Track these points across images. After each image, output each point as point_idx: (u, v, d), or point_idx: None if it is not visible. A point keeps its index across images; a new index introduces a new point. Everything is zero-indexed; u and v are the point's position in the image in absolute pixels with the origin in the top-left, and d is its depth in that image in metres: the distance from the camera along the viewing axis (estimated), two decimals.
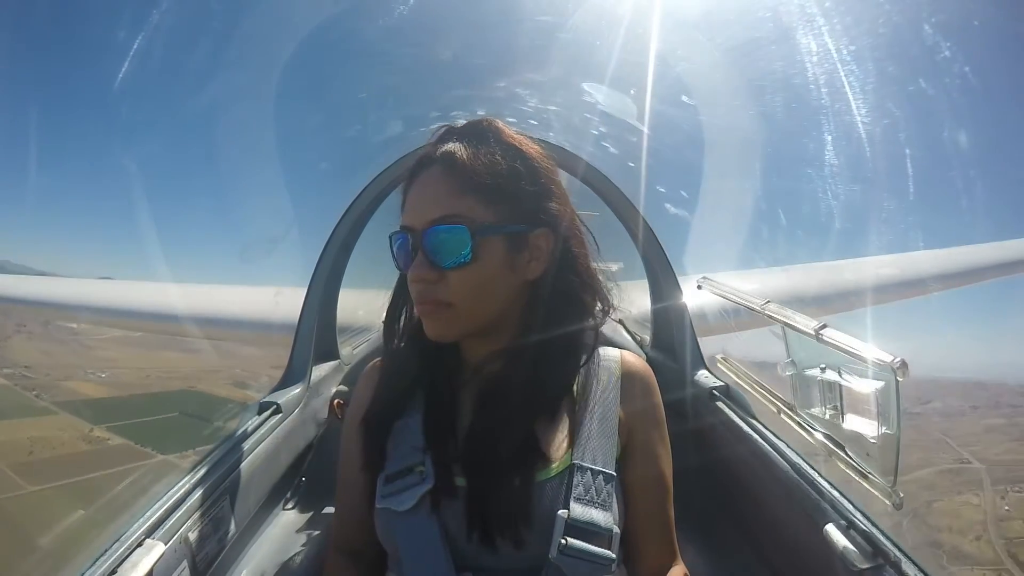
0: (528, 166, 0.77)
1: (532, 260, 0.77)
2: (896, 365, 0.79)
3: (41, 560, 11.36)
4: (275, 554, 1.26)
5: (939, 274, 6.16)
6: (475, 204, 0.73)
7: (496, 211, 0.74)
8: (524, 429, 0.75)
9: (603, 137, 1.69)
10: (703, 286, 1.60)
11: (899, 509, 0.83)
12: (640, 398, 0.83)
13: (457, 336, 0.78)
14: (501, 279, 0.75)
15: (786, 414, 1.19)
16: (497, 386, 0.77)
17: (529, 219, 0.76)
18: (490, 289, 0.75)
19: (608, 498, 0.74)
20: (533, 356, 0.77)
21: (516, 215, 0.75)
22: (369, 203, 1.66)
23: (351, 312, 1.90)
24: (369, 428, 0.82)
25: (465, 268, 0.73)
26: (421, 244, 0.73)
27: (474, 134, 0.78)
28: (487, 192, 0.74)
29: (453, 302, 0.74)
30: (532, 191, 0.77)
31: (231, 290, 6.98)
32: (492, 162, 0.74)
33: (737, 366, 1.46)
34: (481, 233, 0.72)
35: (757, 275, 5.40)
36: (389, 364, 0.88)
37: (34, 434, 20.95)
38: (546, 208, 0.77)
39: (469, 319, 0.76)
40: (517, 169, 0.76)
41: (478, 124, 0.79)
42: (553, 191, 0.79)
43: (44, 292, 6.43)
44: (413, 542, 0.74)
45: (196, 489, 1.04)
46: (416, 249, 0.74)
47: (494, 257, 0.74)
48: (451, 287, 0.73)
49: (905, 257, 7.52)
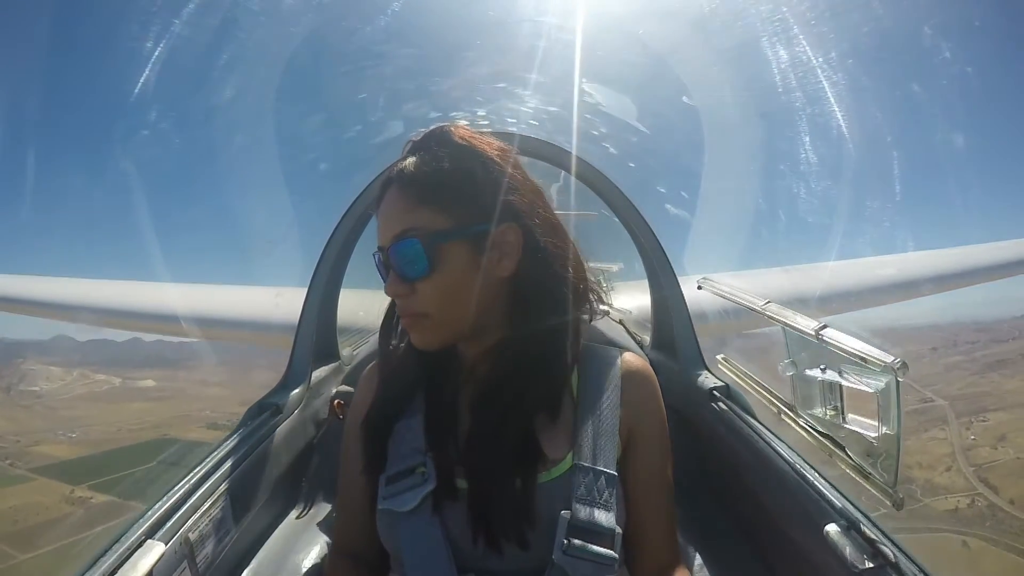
0: (482, 163, 0.76)
1: (503, 257, 0.76)
2: (896, 365, 0.79)
3: None
4: (275, 555, 1.26)
5: (939, 275, 6.16)
6: (429, 214, 0.74)
7: (453, 216, 0.74)
8: (520, 428, 0.75)
9: (603, 137, 1.69)
10: (703, 286, 1.60)
11: (899, 509, 0.83)
12: (641, 399, 0.82)
13: (442, 344, 0.78)
14: (470, 282, 0.75)
15: (786, 414, 1.18)
16: (489, 386, 0.78)
17: (490, 216, 0.75)
18: (460, 294, 0.75)
19: (610, 498, 0.74)
20: (518, 352, 0.77)
21: (475, 215, 0.75)
22: (369, 204, 1.66)
23: (351, 313, 1.90)
24: (370, 429, 0.82)
25: (429, 279, 0.74)
26: (391, 260, 0.75)
27: (422, 144, 0.79)
28: (438, 199, 0.74)
29: (427, 312, 0.75)
30: (488, 188, 0.76)
31: (231, 290, 6.99)
32: (438, 169, 0.75)
33: (737, 366, 1.45)
34: (434, 241, 0.73)
35: (757, 275, 5.40)
36: (387, 366, 0.88)
37: (15, 503, 20.58)
38: (508, 202, 0.76)
39: (448, 326, 0.77)
40: (468, 169, 0.75)
41: (429, 133, 0.80)
42: (514, 185, 0.78)
43: (44, 292, 6.43)
44: (415, 543, 0.74)
45: (196, 490, 1.04)
46: (388, 266, 0.76)
47: (456, 262, 0.74)
48: (422, 298, 0.75)
49: (904, 258, 7.53)
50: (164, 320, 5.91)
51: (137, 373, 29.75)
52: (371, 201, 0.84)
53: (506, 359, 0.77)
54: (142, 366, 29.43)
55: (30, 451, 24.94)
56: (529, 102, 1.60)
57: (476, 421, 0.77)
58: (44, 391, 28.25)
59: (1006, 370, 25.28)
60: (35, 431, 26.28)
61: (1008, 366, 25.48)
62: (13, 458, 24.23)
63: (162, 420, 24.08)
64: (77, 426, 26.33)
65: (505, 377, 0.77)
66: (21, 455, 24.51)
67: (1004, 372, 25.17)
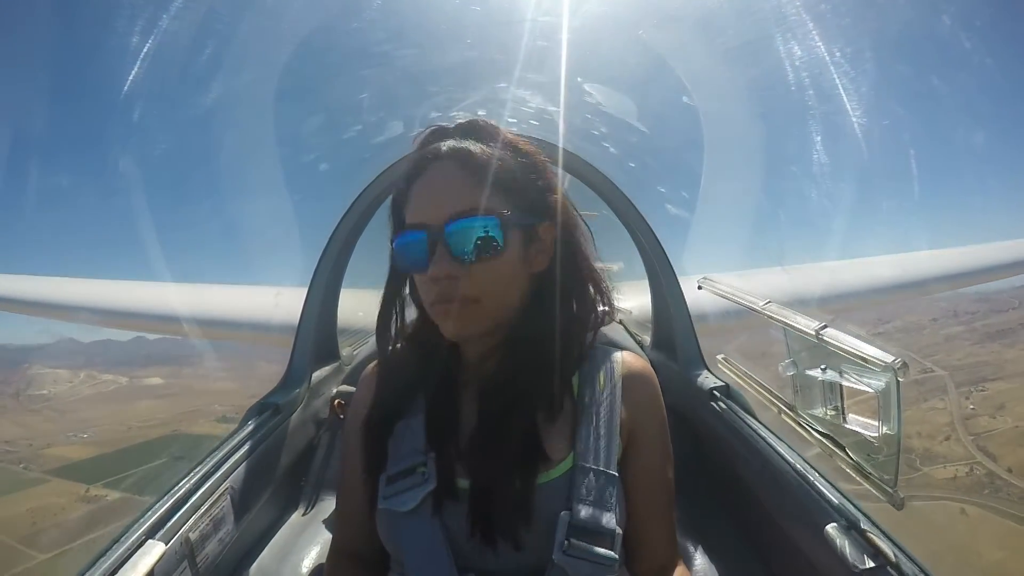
0: (529, 160, 0.78)
1: (539, 253, 0.78)
2: (897, 365, 0.79)
3: None
4: (275, 554, 1.26)
5: (940, 275, 6.16)
6: (496, 197, 0.73)
7: (512, 204, 0.74)
8: (524, 428, 0.75)
9: (603, 137, 1.69)
10: (703, 286, 1.60)
11: (900, 509, 0.83)
12: (642, 399, 0.82)
13: (479, 333, 0.76)
14: (519, 271, 0.76)
15: (786, 414, 1.18)
16: (495, 384, 0.77)
17: (536, 212, 0.77)
18: (511, 281, 0.75)
19: (610, 499, 0.73)
20: (530, 351, 0.77)
21: (527, 208, 0.76)
22: (369, 203, 1.66)
23: (351, 312, 1.90)
24: (370, 429, 0.82)
25: (492, 260, 0.71)
26: (442, 239, 0.71)
27: (475, 132, 0.78)
28: (503, 185, 0.74)
29: (479, 296, 0.72)
30: (536, 184, 0.78)
31: (231, 290, 6.98)
32: (501, 156, 0.75)
33: (737, 366, 1.45)
34: (507, 224, 0.72)
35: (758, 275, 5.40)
36: (387, 367, 0.88)
37: (32, 505, 21.07)
38: (548, 200, 0.78)
39: (492, 313, 0.75)
40: (521, 163, 0.77)
41: (475, 123, 0.80)
42: (552, 184, 0.80)
43: (44, 292, 6.43)
44: (415, 543, 0.74)
45: (196, 490, 1.04)
46: (435, 245, 0.72)
47: (515, 249, 0.74)
48: (475, 282, 0.71)
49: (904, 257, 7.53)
50: (164, 320, 5.90)
51: (143, 371, 30.04)
52: (399, 177, 0.80)
53: (517, 356, 0.77)
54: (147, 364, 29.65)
55: (43, 454, 25.46)
56: (529, 102, 1.60)
57: (479, 419, 0.77)
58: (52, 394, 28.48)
59: (1006, 340, 25.42)
60: (46, 434, 26.73)
61: (1008, 336, 25.60)
62: (27, 462, 24.76)
63: (171, 417, 24.39)
64: (88, 427, 26.76)
65: (514, 375, 0.76)
66: (35, 459, 25.05)
67: (1004, 342, 25.31)
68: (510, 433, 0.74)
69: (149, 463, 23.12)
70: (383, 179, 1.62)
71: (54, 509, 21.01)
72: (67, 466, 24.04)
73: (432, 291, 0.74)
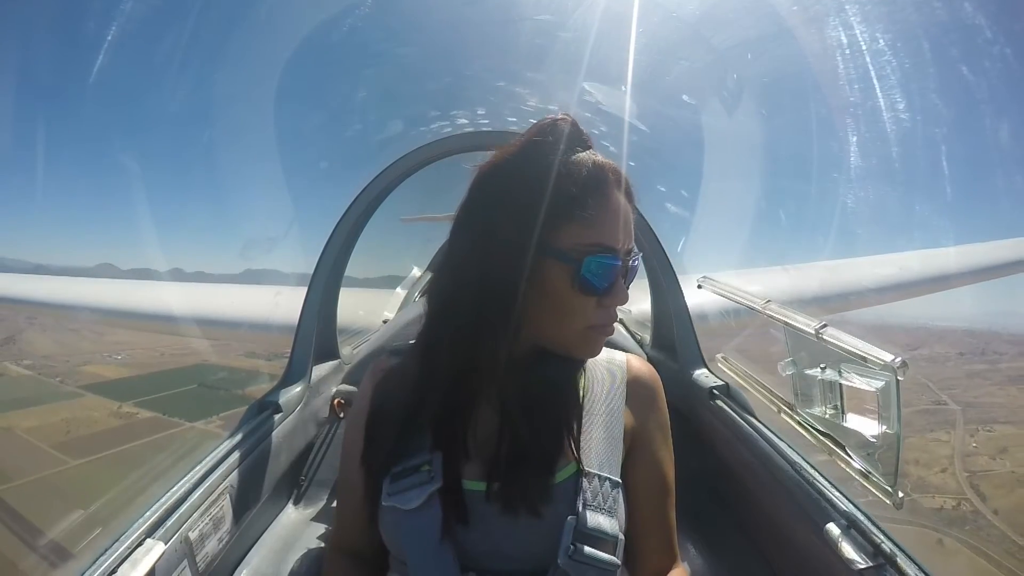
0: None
1: None
2: (896, 364, 0.79)
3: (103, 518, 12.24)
4: (275, 554, 1.26)
5: (939, 275, 6.16)
6: None
7: None
8: (532, 432, 0.74)
9: (603, 137, 1.68)
10: (703, 285, 1.60)
11: (899, 509, 0.83)
12: (646, 404, 0.82)
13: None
14: None
15: (786, 413, 1.18)
16: (522, 389, 0.77)
17: None
18: None
19: (614, 504, 0.73)
20: (560, 358, 0.78)
21: None
22: (369, 203, 1.66)
23: (351, 312, 1.90)
24: (376, 427, 0.82)
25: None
26: (626, 270, 0.76)
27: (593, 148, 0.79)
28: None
29: None
30: None
31: (231, 290, 6.98)
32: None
33: (737, 365, 1.45)
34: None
35: (757, 274, 5.40)
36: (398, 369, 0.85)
37: (66, 416, 22.41)
38: None
39: None
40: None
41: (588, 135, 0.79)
42: None
43: (44, 292, 6.43)
44: (418, 541, 0.73)
45: (196, 489, 1.04)
46: (623, 274, 0.75)
47: None
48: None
49: (904, 257, 7.53)
50: (163, 320, 5.91)
51: None
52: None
53: (548, 364, 0.78)
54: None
55: (79, 371, 26.93)
56: (529, 101, 1.60)
57: (491, 422, 0.76)
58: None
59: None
60: (83, 353, 28.12)
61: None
62: (63, 376, 26.25)
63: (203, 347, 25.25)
64: (122, 350, 28.28)
65: (542, 382, 0.77)
66: (70, 374, 26.54)
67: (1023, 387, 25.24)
68: (515, 435, 0.74)
69: (178, 388, 24.79)
70: (383, 178, 1.62)
71: (88, 421, 22.30)
72: (101, 383, 25.55)
73: (599, 315, 0.75)
